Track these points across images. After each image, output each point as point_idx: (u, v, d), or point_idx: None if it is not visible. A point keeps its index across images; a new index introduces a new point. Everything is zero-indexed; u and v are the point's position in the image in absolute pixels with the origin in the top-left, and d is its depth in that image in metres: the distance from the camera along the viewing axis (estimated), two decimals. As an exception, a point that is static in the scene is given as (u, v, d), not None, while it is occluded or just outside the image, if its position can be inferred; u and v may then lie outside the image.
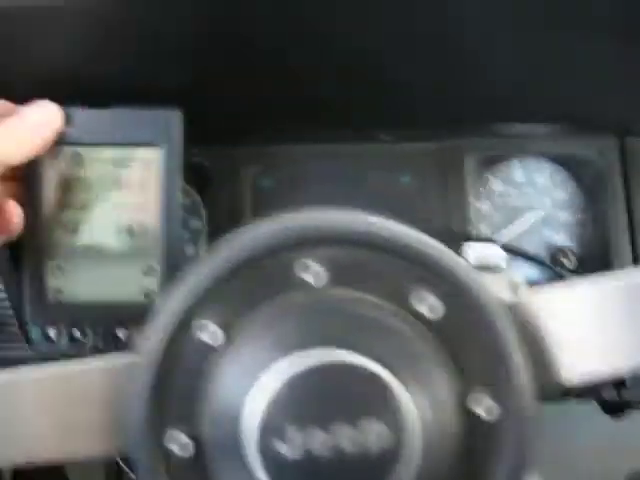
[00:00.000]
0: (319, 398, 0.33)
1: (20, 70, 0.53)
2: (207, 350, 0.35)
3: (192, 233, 0.71)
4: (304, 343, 0.34)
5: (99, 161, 0.54)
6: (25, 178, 0.53)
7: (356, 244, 0.35)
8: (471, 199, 0.70)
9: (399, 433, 0.33)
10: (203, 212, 0.69)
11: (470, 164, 0.70)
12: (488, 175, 0.72)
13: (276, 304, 0.35)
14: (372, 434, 0.32)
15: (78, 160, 0.53)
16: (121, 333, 0.54)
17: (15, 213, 0.53)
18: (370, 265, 0.35)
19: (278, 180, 0.69)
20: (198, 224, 0.70)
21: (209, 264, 0.35)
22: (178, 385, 0.35)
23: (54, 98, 0.52)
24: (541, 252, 0.72)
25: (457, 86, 0.62)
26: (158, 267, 0.55)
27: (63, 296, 0.55)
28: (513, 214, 0.73)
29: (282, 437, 0.32)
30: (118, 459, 0.52)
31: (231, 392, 0.34)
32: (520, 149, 0.72)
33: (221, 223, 0.68)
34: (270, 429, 0.33)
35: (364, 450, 0.33)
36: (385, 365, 0.33)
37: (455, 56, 0.58)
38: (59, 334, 0.53)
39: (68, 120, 0.52)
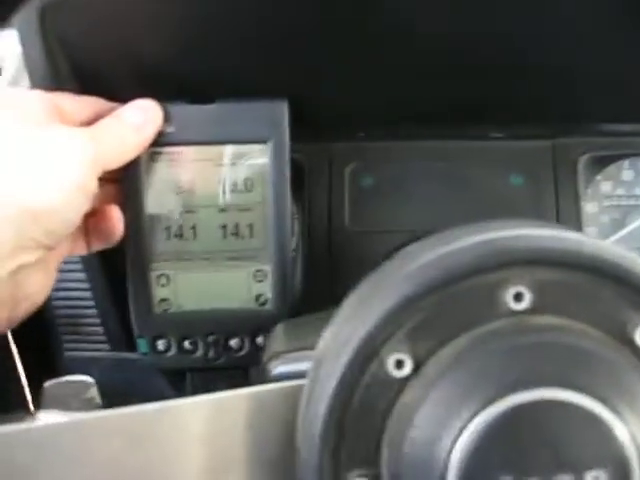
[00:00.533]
0: (535, 444, 0.25)
1: (119, 66, 0.46)
2: (398, 388, 0.28)
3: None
4: (515, 384, 0.26)
5: (202, 161, 0.46)
6: (124, 181, 0.46)
7: (571, 267, 0.27)
8: (582, 201, 0.61)
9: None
10: (296, 211, 0.61)
11: (582, 164, 0.61)
12: (598, 176, 0.63)
13: (480, 336, 0.27)
14: (591, 483, 0.25)
15: (180, 160, 0.46)
16: (234, 342, 0.47)
17: (117, 218, 0.46)
18: (583, 291, 0.28)
19: (378, 178, 0.60)
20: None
21: (402, 285, 0.27)
22: (360, 422, 0.28)
23: (154, 95, 0.45)
24: None
25: (568, 84, 0.53)
26: (269, 270, 0.47)
27: (170, 306, 0.48)
28: (622, 216, 0.64)
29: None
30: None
31: (433, 437, 0.27)
32: (631, 148, 0.62)
33: (317, 224, 0.60)
34: (479, 478, 0.25)
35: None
36: (606, 404, 0.26)
37: (567, 53, 0.49)
38: (168, 345, 0.46)
39: (169, 118, 0.45)
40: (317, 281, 0.58)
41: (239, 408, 0.30)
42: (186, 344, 0.49)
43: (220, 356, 0.49)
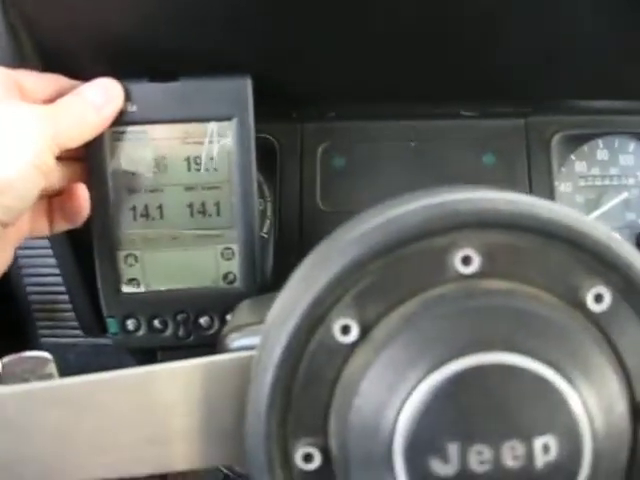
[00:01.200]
0: (483, 409, 0.25)
1: (81, 44, 0.45)
2: (345, 354, 0.27)
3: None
4: (464, 348, 0.25)
5: (167, 139, 0.45)
6: (88, 161, 0.45)
7: (523, 229, 0.26)
8: (555, 180, 0.60)
9: (570, 446, 0.25)
10: (267, 192, 0.59)
11: (555, 143, 0.60)
12: (572, 156, 0.62)
13: (428, 300, 0.26)
14: (539, 448, 0.24)
15: (144, 139, 0.45)
16: (203, 321, 0.46)
17: (83, 197, 0.45)
18: (534, 254, 0.27)
19: (350, 158, 0.59)
20: (261, 205, 0.61)
21: (349, 249, 0.26)
22: (307, 391, 0.26)
23: (118, 73, 0.44)
24: (624, 236, 0.62)
25: (542, 60, 0.52)
26: (237, 249, 0.46)
27: (139, 286, 0.47)
28: (597, 196, 0.63)
29: (438, 453, 0.24)
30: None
31: (379, 404, 0.26)
32: (606, 126, 0.61)
33: (289, 204, 0.58)
34: (425, 444, 0.25)
35: (528, 465, 0.25)
36: (557, 369, 0.25)
37: (543, 31, 0.48)
38: (138, 325, 0.45)
39: (131, 97, 0.44)
40: (288, 261, 0.57)
41: (192, 378, 0.30)
42: (156, 323, 0.48)
43: (190, 334, 0.48)
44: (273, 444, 0.27)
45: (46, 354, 0.35)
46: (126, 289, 0.47)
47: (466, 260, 0.26)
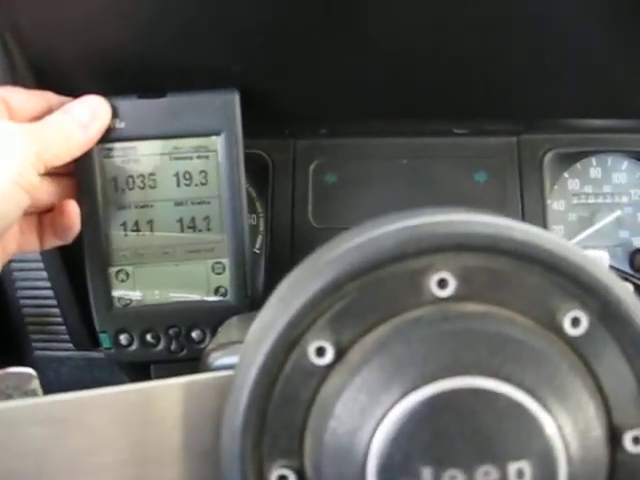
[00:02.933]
0: (457, 434, 0.24)
1: (72, 61, 0.45)
2: (320, 376, 0.26)
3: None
4: (439, 371, 0.25)
5: (156, 155, 0.45)
6: (78, 178, 0.45)
7: (499, 252, 0.26)
8: (547, 199, 0.59)
9: (545, 471, 0.25)
10: (260, 208, 0.59)
11: (548, 161, 0.59)
12: (564, 173, 0.62)
13: (403, 323, 0.26)
14: (513, 473, 0.24)
15: (133, 155, 0.45)
16: (195, 334, 0.46)
17: (74, 213, 0.45)
18: (510, 277, 0.27)
19: (342, 175, 0.59)
20: (254, 220, 0.60)
21: (325, 270, 0.26)
22: (282, 412, 0.26)
23: (107, 90, 0.44)
24: (617, 254, 0.61)
25: (536, 78, 0.52)
26: (227, 263, 0.46)
27: (131, 301, 0.47)
28: (589, 214, 0.63)
29: (411, 477, 0.24)
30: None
31: (353, 426, 0.25)
32: (599, 144, 0.61)
33: (280, 220, 0.58)
34: (398, 467, 0.24)
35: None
36: (532, 394, 0.24)
37: (537, 49, 0.48)
38: (130, 339, 0.45)
39: (118, 114, 0.44)
40: (280, 277, 0.56)
41: (171, 397, 0.29)
42: (148, 337, 0.47)
43: (182, 348, 0.48)
44: (248, 465, 0.26)
45: (30, 370, 0.35)
46: (118, 304, 0.47)
47: (442, 283, 0.26)
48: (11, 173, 0.37)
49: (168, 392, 0.29)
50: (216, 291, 0.47)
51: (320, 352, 0.26)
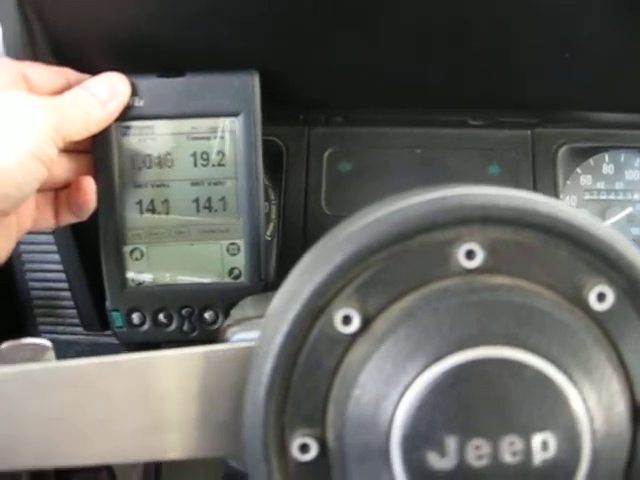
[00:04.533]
0: (482, 403, 0.24)
1: (92, 39, 0.45)
2: (345, 345, 0.26)
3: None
4: (465, 341, 0.25)
5: (174, 134, 0.45)
6: (95, 156, 0.45)
7: (527, 226, 0.26)
8: (560, 193, 0.59)
9: (569, 444, 0.25)
10: (273, 195, 0.59)
11: (561, 156, 0.60)
12: (577, 169, 0.62)
13: (430, 293, 0.26)
14: (538, 444, 0.23)
15: (150, 134, 0.45)
16: (208, 315, 0.45)
17: (90, 190, 0.45)
18: (537, 251, 0.27)
19: (356, 164, 0.59)
20: (266, 208, 0.60)
21: (354, 239, 0.26)
22: (306, 380, 0.26)
23: (126, 68, 0.43)
24: None
25: (553, 70, 0.52)
26: (242, 244, 0.46)
27: (144, 280, 0.46)
28: (601, 210, 0.63)
29: (436, 446, 0.24)
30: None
31: (378, 395, 0.25)
32: (613, 140, 0.61)
33: (293, 207, 0.58)
34: (422, 437, 0.24)
35: (526, 462, 0.24)
36: (558, 366, 0.25)
37: (555, 41, 0.48)
38: (143, 319, 0.45)
39: (138, 92, 0.44)
40: (291, 264, 0.56)
41: (190, 366, 0.29)
42: (161, 317, 0.47)
43: (195, 329, 0.48)
44: (270, 433, 0.26)
45: (45, 341, 0.35)
46: (131, 283, 0.47)
47: (470, 254, 0.26)
48: (29, 145, 0.37)
49: (187, 361, 0.29)
50: (230, 272, 0.47)
51: (346, 320, 0.26)
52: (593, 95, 0.55)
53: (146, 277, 0.47)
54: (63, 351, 0.63)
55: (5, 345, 0.35)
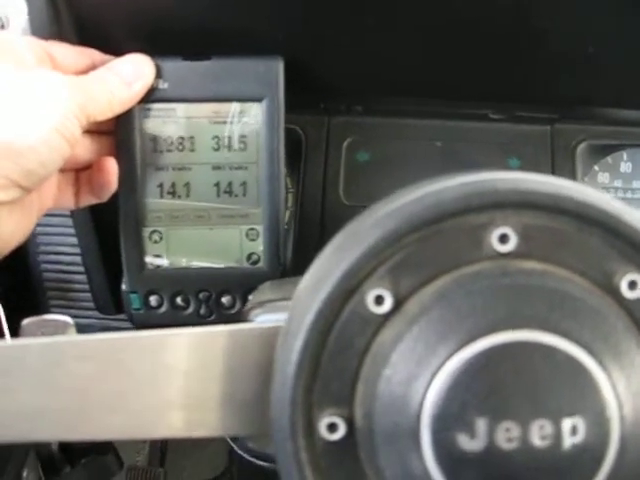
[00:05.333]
0: (513, 387, 0.25)
1: (117, 20, 0.45)
2: (377, 325, 0.26)
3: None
4: (497, 324, 0.25)
5: (196, 118, 0.45)
6: (117, 137, 0.45)
7: (560, 212, 0.26)
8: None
9: (598, 429, 0.25)
10: (290, 184, 0.59)
11: (580, 152, 0.60)
12: (595, 166, 0.62)
13: (463, 276, 0.26)
14: (567, 428, 0.24)
15: (173, 117, 0.45)
16: (225, 300, 0.46)
17: (112, 171, 0.45)
18: (570, 237, 0.27)
19: (375, 154, 0.59)
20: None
21: (386, 221, 0.26)
22: (336, 359, 0.26)
23: (151, 50, 0.44)
24: None
25: (575, 64, 0.52)
26: (262, 229, 0.46)
27: (163, 263, 0.47)
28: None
29: (466, 428, 0.24)
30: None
31: (409, 376, 0.25)
32: (632, 137, 0.61)
33: (311, 196, 0.58)
34: (452, 418, 0.25)
35: (555, 446, 0.24)
36: (589, 351, 0.25)
37: (579, 35, 0.48)
38: (160, 301, 0.45)
39: (162, 74, 0.44)
40: (308, 253, 0.57)
41: (215, 344, 0.29)
42: (178, 300, 0.48)
43: (212, 313, 0.48)
44: (298, 411, 0.26)
45: (67, 318, 0.35)
46: (150, 265, 0.47)
47: (503, 238, 0.26)
48: (54, 121, 0.37)
49: (213, 339, 0.29)
50: (249, 258, 0.47)
51: (379, 301, 0.26)
52: (614, 92, 0.55)
53: (164, 260, 0.47)
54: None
55: (27, 321, 0.36)
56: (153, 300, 0.47)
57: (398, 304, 0.26)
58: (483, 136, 0.58)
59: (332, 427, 0.26)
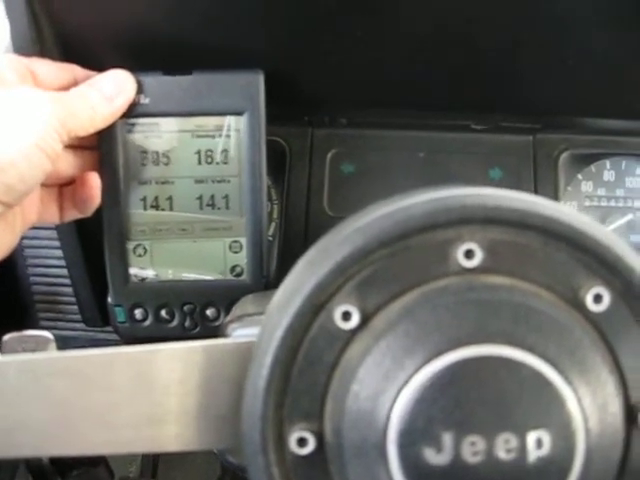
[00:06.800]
0: (478, 401, 0.25)
1: (99, 36, 0.46)
2: (345, 340, 0.27)
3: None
4: (463, 339, 0.25)
5: (178, 132, 0.45)
6: (100, 152, 0.45)
7: (526, 227, 0.27)
8: (561, 199, 0.60)
9: (563, 442, 0.25)
10: (275, 195, 0.60)
11: (562, 161, 0.60)
12: (578, 175, 0.62)
13: (429, 291, 0.27)
14: (532, 442, 0.24)
15: (156, 131, 0.45)
16: (210, 312, 0.46)
17: (95, 186, 0.45)
18: (536, 252, 0.27)
19: (359, 165, 0.59)
20: (268, 207, 0.60)
21: (354, 237, 0.26)
22: (305, 375, 0.27)
23: (133, 65, 0.44)
24: None
25: (556, 75, 0.52)
26: (245, 242, 0.47)
27: (147, 276, 0.47)
28: (602, 217, 0.63)
29: (432, 442, 0.24)
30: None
31: (376, 390, 0.26)
32: (614, 147, 0.61)
33: (296, 208, 0.58)
34: (419, 432, 0.25)
35: (520, 459, 0.25)
36: (554, 365, 0.25)
37: (558, 47, 0.49)
38: (145, 314, 0.45)
39: (143, 89, 0.44)
40: (293, 264, 0.57)
41: (191, 359, 0.30)
42: (163, 313, 0.48)
43: (196, 325, 0.48)
44: (268, 426, 0.27)
45: (47, 333, 0.35)
46: (134, 279, 0.47)
47: (469, 254, 0.26)
48: (34, 137, 0.38)
49: (188, 354, 0.30)
50: (232, 270, 0.47)
51: (346, 316, 0.26)
52: (595, 101, 0.56)
53: (149, 273, 0.47)
54: (63, 346, 0.64)
55: (7, 337, 0.36)
56: (138, 313, 0.47)
57: (365, 319, 0.26)
58: (466, 147, 0.59)
59: (302, 442, 0.27)
